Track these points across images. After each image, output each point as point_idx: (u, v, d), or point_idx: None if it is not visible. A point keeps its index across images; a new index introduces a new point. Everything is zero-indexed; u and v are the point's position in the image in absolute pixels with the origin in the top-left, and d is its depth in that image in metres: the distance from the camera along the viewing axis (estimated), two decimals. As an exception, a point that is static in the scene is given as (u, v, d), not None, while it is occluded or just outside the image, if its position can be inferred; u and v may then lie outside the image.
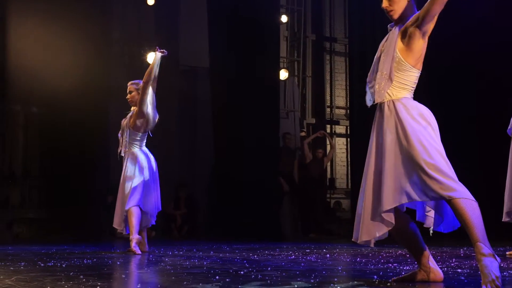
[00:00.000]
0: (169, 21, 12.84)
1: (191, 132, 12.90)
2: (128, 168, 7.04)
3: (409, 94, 3.91)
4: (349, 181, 13.82)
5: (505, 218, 6.58)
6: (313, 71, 14.72)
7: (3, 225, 10.55)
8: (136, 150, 7.11)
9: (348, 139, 13.98)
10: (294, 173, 11.88)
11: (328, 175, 14.33)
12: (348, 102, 14.10)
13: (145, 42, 12.41)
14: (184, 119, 12.85)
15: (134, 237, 6.71)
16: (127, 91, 7.32)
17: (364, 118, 10.97)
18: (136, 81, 7.34)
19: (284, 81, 13.21)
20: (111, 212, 7.43)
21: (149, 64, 11.94)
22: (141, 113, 7.03)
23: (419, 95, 4.03)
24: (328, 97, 14.92)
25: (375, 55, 4.08)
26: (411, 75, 3.90)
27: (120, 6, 12.39)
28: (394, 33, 3.95)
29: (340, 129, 15.00)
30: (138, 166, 7.04)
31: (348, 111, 13.96)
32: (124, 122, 7.24)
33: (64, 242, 8.76)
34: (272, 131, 11.27)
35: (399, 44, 3.89)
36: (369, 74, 4.03)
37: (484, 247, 3.54)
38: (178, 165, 12.55)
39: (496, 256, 3.55)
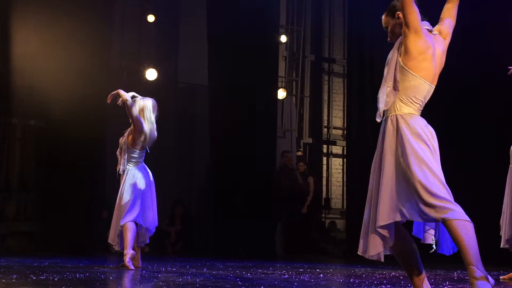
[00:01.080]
0: (168, 39, 12.91)
1: (188, 150, 12.91)
2: (126, 184, 7.04)
3: (415, 110, 3.87)
4: (345, 201, 13.81)
5: (504, 245, 6.58)
6: (311, 91, 14.77)
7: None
8: (134, 166, 7.11)
9: (345, 160, 14.01)
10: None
11: (324, 195, 14.34)
12: (345, 123, 14.14)
13: (144, 59, 12.46)
14: (182, 136, 12.87)
15: (128, 252, 6.69)
16: None
17: (360, 139, 11.03)
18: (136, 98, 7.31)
19: (282, 100, 13.25)
20: (106, 226, 7.44)
21: (147, 81, 12.10)
22: (137, 131, 7.05)
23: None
24: (325, 117, 14.95)
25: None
26: (416, 85, 3.84)
27: (121, 22, 12.46)
28: (396, 45, 3.97)
29: (336, 149, 15.02)
30: (136, 182, 7.04)
31: (345, 131, 14.00)
32: (122, 140, 7.24)
33: (58, 255, 8.74)
34: (269, 150, 11.30)
35: (400, 50, 3.89)
36: (379, 90, 4.00)
37: (476, 270, 3.54)
38: (175, 182, 12.55)
39: (489, 278, 3.55)
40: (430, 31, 3.95)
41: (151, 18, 12.38)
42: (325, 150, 14.88)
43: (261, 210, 10.90)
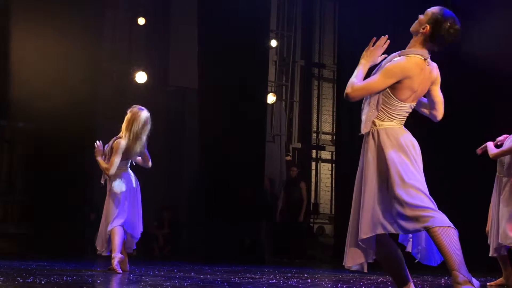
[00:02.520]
0: (159, 42, 12.90)
1: (177, 153, 12.90)
2: (113, 190, 7.01)
3: (396, 124, 3.90)
4: (333, 206, 13.84)
5: (493, 254, 6.61)
6: (300, 96, 14.80)
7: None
8: (120, 173, 7.07)
9: (333, 165, 14.03)
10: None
11: (312, 200, 14.36)
12: (334, 128, 14.17)
13: (135, 61, 12.45)
14: (171, 139, 12.86)
15: (116, 255, 6.68)
16: None
17: (349, 144, 11.05)
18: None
19: (272, 105, 13.27)
20: (94, 229, 7.41)
21: (137, 84, 12.08)
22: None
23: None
24: (314, 123, 14.98)
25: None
26: (400, 109, 3.90)
27: (112, 25, 12.44)
28: (384, 63, 3.96)
29: (325, 154, 15.05)
30: (122, 190, 7.01)
31: (334, 137, 14.03)
32: (107, 148, 7.20)
33: (45, 258, 8.71)
34: (258, 154, 11.31)
35: None
36: (363, 101, 4.01)
37: (459, 275, 3.56)
38: (164, 186, 12.54)
39: (473, 281, 3.57)
40: (425, 59, 3.93)
41: (141, 21, 12.37)
42: (314, 155, 14.91)
43: (250, 214, 10.90)
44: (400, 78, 3.83)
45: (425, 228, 3.66)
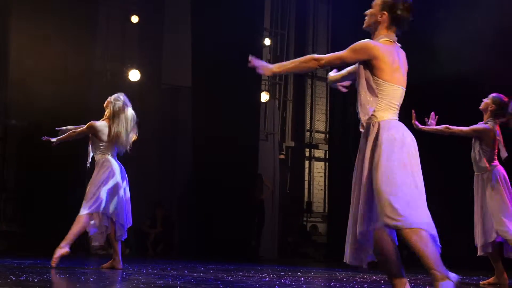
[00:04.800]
0: (152, 40, 12.87)
1: (170, 151, 12.88)
2: (96, 174, 6.92)
3: (393, 114, 3.94)
4: (326, 205, 13.86)
5: (480, 252, 6.63)
6: (294, 95, 14.81)
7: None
8: (103, 157, 6.98)
9: (327, 163, 14.05)
10: None
11: (306, 199, 14.37)
12: (327, 127, 14.18)
13: (128, 60, 12.42)
14: (164, 138, 12.83)
15: (63, 248, 6.61)
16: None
17: (343, 143, 11.07)
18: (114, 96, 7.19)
19: (265, 103, 13.27)
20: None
21: (130, 82, 12.05)
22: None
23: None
24: (308, 121, 14.99)
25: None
26: (392, 91, 3.94)
27: (105, 23, 12.40)
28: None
29: (319, 153, 15.06)
30: (106, 173, 6.91)
31: (328, 135, 14.04)
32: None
33: (38, 256, 8.68)
34: (251, 152, 11.31)
35: (370, 66, 3.96)
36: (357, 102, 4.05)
37: (436, 273, 3.61)
38: (156, 184, 12.52)
39: (450, 275, 3.62)
40: (394, 41, 4.05)
41: (135, 19, 12.34)
42: (307, 154, 14.92)
43: (244, 213, 10.91)
44: (366, 57, 3.92)
45: (395, 227, 3.70)
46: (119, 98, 7.10)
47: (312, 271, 8.02)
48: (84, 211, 6.77)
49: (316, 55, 4.06)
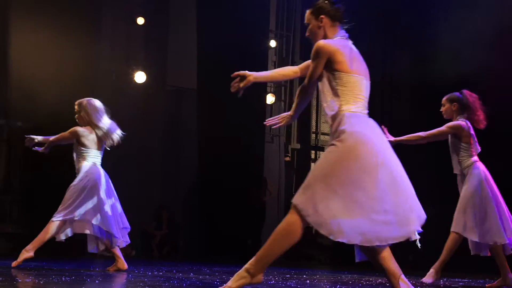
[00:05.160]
0: (158, 41, 12.88)
1: (175, 153, 12.89)
2: (79, 180, 6.89)
3: (359, 107, 3.98)
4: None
5: (473, 252, 6.62)
6: (299, 97, 14.76)
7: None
8: (86, 163, 6.93)
9: (332, 166, 13.99)
10: None
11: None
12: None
13: (133, 61, 12.43)
14: (169, 140, 12.84)
15: (29, 250, 6.62)
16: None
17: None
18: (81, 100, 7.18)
19: (271, 105, 13.24)
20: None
21: (136, 84, 12.05)
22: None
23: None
24: (313, 123, 14.95)
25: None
26: (355, 82, 4.00)
27: (110, 24, 12.41)
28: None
29: (324, 155, 15.02)
30: (87, 180, 6.84)
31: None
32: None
33: (43, 258, 8.68)
34: (257, 155, 11.31)
35: (330, 61, 4.08)
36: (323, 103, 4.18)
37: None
38: (161, 186, 12.52)
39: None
40: (347, 38, 4.23)
41: (140, 20, 12.35)
42: (313, 156, 14.88)
43: (249, 215, 10.90)
44: (327, 56, 4.03)
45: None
46: (92, 101, 7.02)
47: (317, 273, 8.01)
48: (57, 218, 6.71)
49: (296, 68, 4.37)
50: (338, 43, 4.10)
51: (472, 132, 6.60)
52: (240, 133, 11.04)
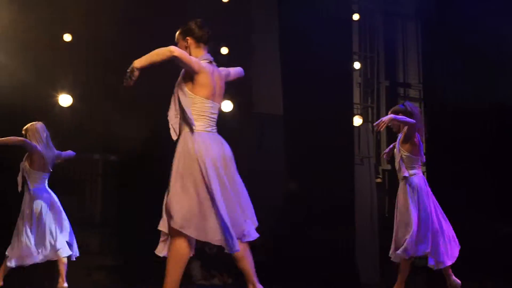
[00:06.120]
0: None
1: (261, 179, 12.86)
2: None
3: (204, 126, 4.59)
4: (427, 228, 13.50)
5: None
6: (387, 117, 14.60)
7: (82, 272, 10.73)
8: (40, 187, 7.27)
9: (425, 186, 13.72)
10: None
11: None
12: (424, 148, 13.85)
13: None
14: (256, 166, 12.85)
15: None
16: None
17: (441, 163, 10.79)
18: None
19: (358, 127, 13.15)
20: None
21: (223, 112, 12.17)
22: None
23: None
24: (403, 143, 14.73)
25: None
26: (199, 103, 4.57)
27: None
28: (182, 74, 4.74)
29: (416, 175, 14.75)
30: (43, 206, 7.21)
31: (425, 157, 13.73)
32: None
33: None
34: (347, 177, 11.20)
35: (185, 79, 4.68)
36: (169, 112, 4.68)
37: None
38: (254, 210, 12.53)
39: None
40: (211, 61, 4.81)
41: (224, 50, 12.54)
42: (404, 176, 14.63)
43: (340, 238, 10.78)
44: (196, 69, 4.56)
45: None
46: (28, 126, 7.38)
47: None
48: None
49: (173, 47, 4.57)
50: (204, 67, 4.67)
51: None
52: (329, 156, 10.96)
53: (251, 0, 13.11)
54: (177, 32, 4.78)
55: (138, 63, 4.41)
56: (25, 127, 7.46)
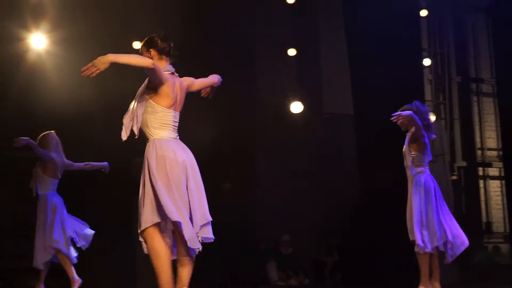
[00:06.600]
0: (310, 70, 12.99)
1: (334, 181, 12.79)
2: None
3: (167, 132, 4.77)
4: (507, 224, 13.18)
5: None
6: (460, 113, 14.35)
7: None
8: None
9: (503, 182, 13.42)
10: None
11: (484, 219, 13.78)
12: (500, 143, 13.57)
13: (289, 92, 12.59)
14: (328, 167, 12.80)
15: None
16: None
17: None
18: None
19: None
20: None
21: (293, 114, 12.21)
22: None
23: None
24: (478, 139, 14.45)
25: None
26: (161, 112, 4.75)
27: (263, 59, 12.67)
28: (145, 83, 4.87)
29: (493, 171, 14.43)
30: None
31: (501, 152, 13.43)
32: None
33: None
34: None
35: (148, 88, 4.79)
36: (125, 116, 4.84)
37: None
38: (325, 211, 12.48)
39: None
40: (173, 73, 4.91)
41: (292, 52, 12.55)
42: (480, 173, 14.33)
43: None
44: (162, 80, 4.72)
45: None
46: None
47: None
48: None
49: (152, 60, 4.69)
50: (168, 78, 4.81)
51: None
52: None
53: (316, 1, 13.09)
54: (141, 44, 4.95)
55: (113, 57, 4.46)
56: (39, 137, 7.78)
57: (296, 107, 12.22)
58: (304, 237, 11.88)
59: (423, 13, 12.82)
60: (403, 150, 7.14)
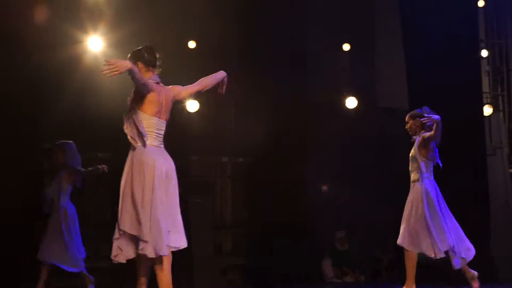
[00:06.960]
0: (365, 65, 12.87)
1: (388, 174, 12.65)
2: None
3: (151, 140, 5.00)
4: None
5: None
6: (519, 105, 14.01)
7: (217, 272, 10.98)
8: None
9: None
10: None
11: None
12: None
13: (343, 88, 12.52)
14: (383, 163, 12.68)
15: None
16: None
17: None
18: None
19: (489, 117, 12.68)
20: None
21: (348, 109, 12.13)
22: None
23: None
24: (539, 131, 14.10)
25: None
26: (147, 120, 5.00)
27: (316, 57, 12.62)
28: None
29: (554, 163, 14.08)
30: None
31: (562, 143, 13.11)
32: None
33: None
34: (479, 169, 10.87)
35: (136, 97, 5.15)
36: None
37: None
38: (381, 207, 12.39)
39: None
40: (158, 82, 5.21)
41: (346, 47, 12.46)
42: (543, 166, 14.01)
43: (475, 233, 10.44)
44: (150, 90, 5.02)
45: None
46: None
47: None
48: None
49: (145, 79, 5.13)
50: (154, 87, 5.15)
51: None
52: (459, 147, 10.66)
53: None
54: (128, 56, 5.19)
55: (131, 66, 4.74)
56: (56, 143, 7.88)
57: (351, 102, 12.15)
58: (361, 234, 11.83)
59: (480, 3, 12.56)
60: (410, 154, 7.10)
